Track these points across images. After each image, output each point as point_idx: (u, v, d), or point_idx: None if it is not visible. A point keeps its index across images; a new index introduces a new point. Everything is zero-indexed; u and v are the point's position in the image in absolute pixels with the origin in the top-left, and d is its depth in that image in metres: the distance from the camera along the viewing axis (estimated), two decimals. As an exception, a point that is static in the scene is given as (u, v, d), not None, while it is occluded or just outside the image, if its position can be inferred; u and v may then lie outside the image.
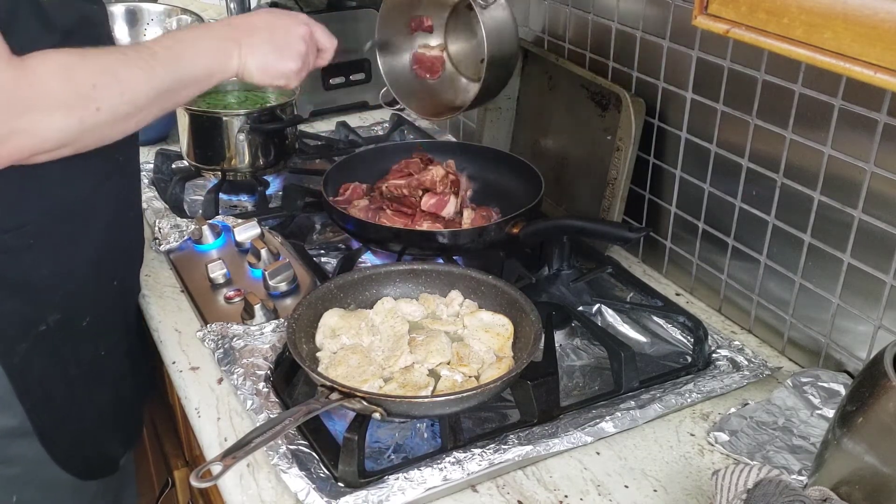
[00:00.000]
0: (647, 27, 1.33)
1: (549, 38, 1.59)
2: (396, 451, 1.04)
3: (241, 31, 1.11)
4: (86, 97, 0.92)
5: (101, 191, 1.10)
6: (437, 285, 1.22)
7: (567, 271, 1.34)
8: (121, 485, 1.31)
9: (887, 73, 0.66)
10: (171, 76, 1.02)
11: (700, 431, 1.06)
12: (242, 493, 0.96)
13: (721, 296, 1.31)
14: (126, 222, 1.20)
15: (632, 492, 0.97)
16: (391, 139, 1.91)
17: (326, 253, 1.48)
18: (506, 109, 1.69)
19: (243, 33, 1.11)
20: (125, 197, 1.18)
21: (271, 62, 1.13)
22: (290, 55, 1.16)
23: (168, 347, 1.22)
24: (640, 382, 1.12)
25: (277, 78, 1.16)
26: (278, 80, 1.17)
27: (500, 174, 1.55)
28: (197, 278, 1.36)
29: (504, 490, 0.97)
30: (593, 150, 1.46)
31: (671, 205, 1.36)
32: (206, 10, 2.30)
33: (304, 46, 1.18)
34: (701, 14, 0.82)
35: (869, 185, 1.03)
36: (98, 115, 0.94)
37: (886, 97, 0.99)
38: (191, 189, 1.67)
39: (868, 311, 1.08)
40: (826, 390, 1.08)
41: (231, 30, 1.11)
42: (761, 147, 1.18)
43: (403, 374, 1.06)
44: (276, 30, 1.15)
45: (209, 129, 1.59)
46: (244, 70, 1.12)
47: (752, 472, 0.83)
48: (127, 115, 0.98)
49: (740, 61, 1.17)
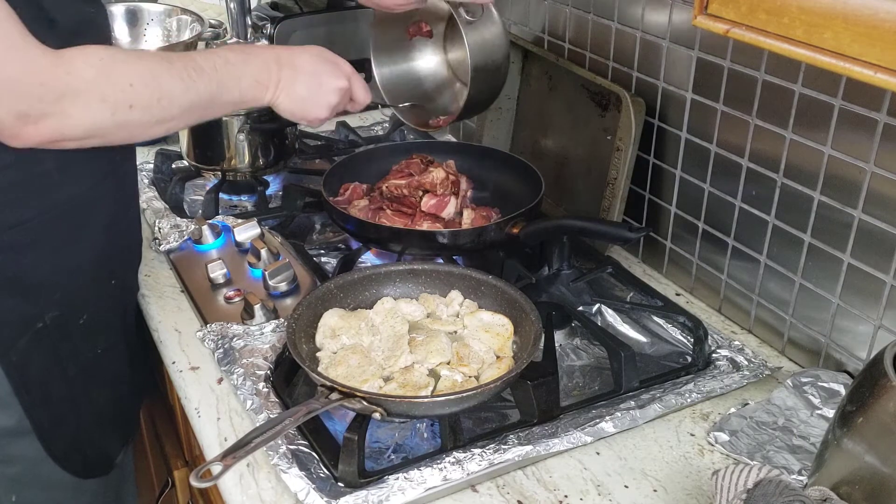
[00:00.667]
0: (647, 27, 1.33)
1: (549, 38, 1.59)
2: (396, 451, 1.04)
3: (284, 69, 1.13)
4: (122, 93, 0.95)
5: (100, 189, 1.10)
6: (437, 285, 1.22)
7: (567, 271, 1.34)
8: (120, 484, 1.31)
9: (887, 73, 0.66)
10: (208, 94, 1.05)
11: (700, 431, 1.06)
12: (242, 493, 0.96)
13: (721, 296, 1.31)
14: (124, 221, 1.20)
15: (632, 492, 0.97)
16: (391, 139, 1.91)
17: (326, 253, 1.48)
18: (506, 109, 1.69)
19: (286, 71, 1.13)
20: (123, 196, 1.18)
21: (301, 107, 1.17)
22: (322, 105, 1.18)
23: (168, 347, 1.22)
24: (640, 382, 1.12)
25: (304, 120, 1.20)
26: (303, 122, 1.21)
27: (500, 174, 1.55)
28: (197, 278, 1.36)
29: (504, 490, 0.97)
30: (593, 150, 1.46)
31: (671, 205, 1.36)
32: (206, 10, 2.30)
33: (338, 100, 1.20)
34: (701, 14, 0.82)
35: (869, 185, 1.03)
36: (130, 114, 0.96)
37: (886, 97, 0.99)
38: (191, 189, 1.67)
39: (868, 311, 1.08)
40: (826, 390, 1.08)
41: (276, 66, 1.13)
42: (761, 147, 1.18)
43: (403, 374, 1.06)
44: (317, 77, 1.17)
45: (209, 129, 1.59)
46: (274, 104, 1.15)
47: (752, 472, 0.83)
48: (158, 120, 1.01)
49: (740, 61, 1.17)
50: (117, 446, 1.28)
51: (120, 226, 1.19)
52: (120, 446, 1.29)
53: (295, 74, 1.15)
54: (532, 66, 1.62)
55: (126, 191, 1.20)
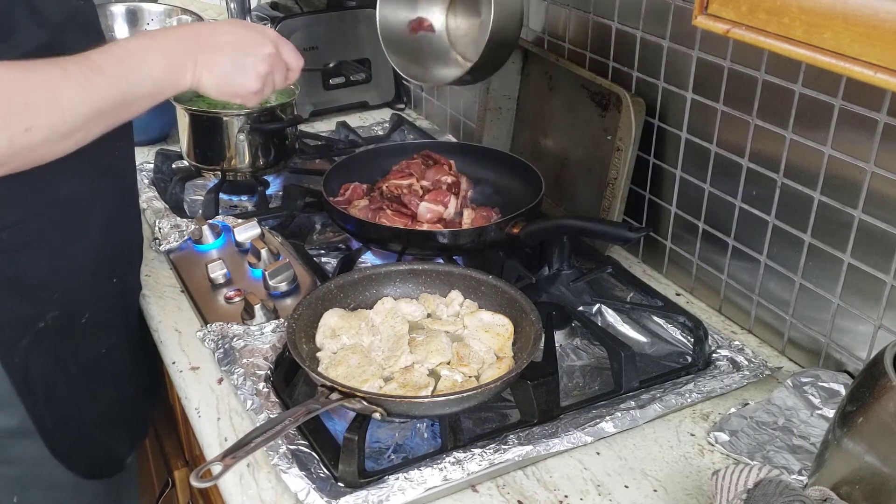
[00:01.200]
0: (647, 27, 1.33)
1: (549, 38, 1.59)
2: (396, 451, 1.04)
3: (200, 46, 1.05)
4: (15, 116, 0.87)
5: (98, 187, 1.10)
6: (437, 285, 1.22)
7: (567, 271, 1.34)
8: (121, 486, 1.31)
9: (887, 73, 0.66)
10: (114, 93, 0.96)
11: (700, 431, 1.06)
12: (242, 493, 0.96)
13: (721, 296, 1.31)
14: (124, 220, 1.20)
15: (632, 492, 0.97)
16: (391, 139, 1.91)
17: (326, 253, 1.48)
18: (506, 109, 1.69)
19: (203, 48, 1.05)
20: (122, 195, 1.18)
21: (228, 81, 1.07)
22: (250, 75, 1.09)
23: (168, 347, 1.22)
24: (640, 382, 1.12)
25: (233, 97, 1.11)
26: (234, 99, 1.12)
27: (500, 174, 1.55)
28: (197, 278, 1.36)
29: (504, 490, 0.97)
30: (593, 150, 1.46)
31: (671, 205, 1.36)
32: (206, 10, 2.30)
33: (267, 67, 1.11)
34: (701, 14, 0.82)
35: (869, 185, 1.03)
36: (30, 136, 0.88)
37: (886, 97, 0.99)
38: (191, 189, 1.67)
39: (868, 311, 1.08)
40: (826, 390, 1.08)
41: (190, 43, 1.05)
42: (761, 147, 1.18)
43: (403, 374, 1.06)
44: (239, 47, 1.08)
45: (209, 129, 1.59)
46: (199, 85, 1.06)
47: (752, 472, 0.83)
48: (63, 135, 0.92)
49: (740, 61, 1.17)
50: (126, 447, 1.28)
51: (119, 225, 1.18)
52: (129, 447, 1.29)
53: (215, 48, 1.06)
54: (532, 66, 1.62)
55: (125, 189, 1.19)
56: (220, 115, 1.58)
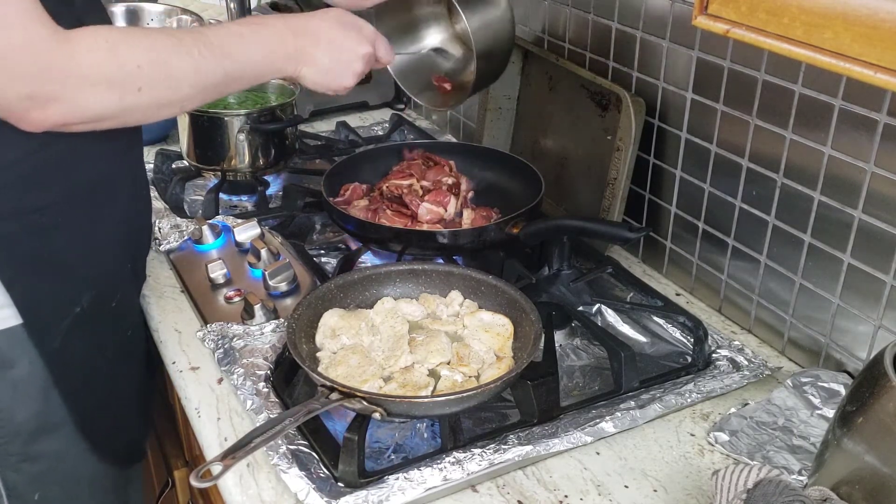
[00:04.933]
0: (647, 27, 1.33)
1: (549, 38, 1.59)
2: (396, 451, 1.04)
3: (303, 39, 1.09)
4: (129, 76, 0.92)
5: (116, 170, 1.11)
6: (437, 285, 1.22)
7: (567, 271, 1.34)
8: (130, 482, 1.31)
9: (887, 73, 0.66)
10: (221, 70, 1.01)
11: (700, 431, 1.06)
12: (242, 493, 0.96)
13: (721, 296, 1.31)
14: (139, 203, 1.21)
15: (632, 492, 0.97)
16: (391, 139, 1.91)
17: (326, 253, 1.48)
18: (506, 109, 1.69)
19: (306, 41, 1.09)
20: (137, 178, 1.19)
21: (328, 77, 1.14)
22: (348, 74, 1.15)
23: (168, 347, 1.22)
24: (640, 382, 1.12)
25: (329, 90, 1.16)
26: (329, 92, 1.17)
27: (500, 174, 1.55)
28: (197, 278, 1.36)
29: (504, 490, 0.97)
30: (593, 150, 1.46)
31: (671, 205, 1.36)
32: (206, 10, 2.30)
33: (364, 66, 1.16)
34: (701, 14, 0.82)
35: (869, 185, 1.03)
36: (139, 96, 0.94)
37: (886, 97, 0.99)
38: (191, 189, 1.67)
39: (868, 311, 1.08)
40: (826, 390, 1.08)
41: (291, 35, 1.09)
42: (761, 147, 1.18)
43: (403, 374, 1.06)
44: (339, 44, 1.13)
45: (209, 129, 1.59)
46: (299, 77, 1.12)
47: (752, 472, 0.83)
48: (169, 101, 0.98)
49: (740, 61, 1.17)
50: (144, 432, 1.29)
51: (136, 208, 1.20)
52: (146, 432, 1.30)
53: (317, 42, 1.10)
54: (532, 66, 1.62)
55: (138, 173, 1.20)
56: (220, 115, 1.58)
